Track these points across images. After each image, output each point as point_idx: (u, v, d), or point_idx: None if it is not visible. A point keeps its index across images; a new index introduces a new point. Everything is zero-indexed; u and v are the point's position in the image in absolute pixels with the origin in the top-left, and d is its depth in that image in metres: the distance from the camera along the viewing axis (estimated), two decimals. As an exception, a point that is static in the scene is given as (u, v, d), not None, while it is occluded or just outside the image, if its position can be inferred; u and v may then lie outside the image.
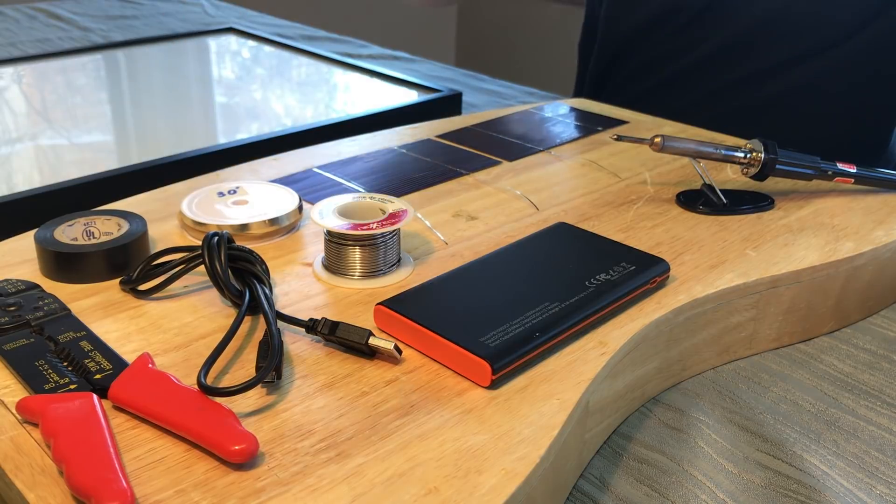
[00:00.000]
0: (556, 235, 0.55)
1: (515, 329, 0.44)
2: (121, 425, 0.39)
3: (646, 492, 0.43)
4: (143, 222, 0.54)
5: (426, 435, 0.39)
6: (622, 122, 0.81)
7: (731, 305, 0.52)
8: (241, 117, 0.95)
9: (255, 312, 0.48)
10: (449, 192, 0.65)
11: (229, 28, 1.31)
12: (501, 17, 3.00)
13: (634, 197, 0.64)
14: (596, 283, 0.49)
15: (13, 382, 0.42)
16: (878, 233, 0.59)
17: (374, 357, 0.44)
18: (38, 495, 0.35)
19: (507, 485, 0.36)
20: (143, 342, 0.45)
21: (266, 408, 0.40)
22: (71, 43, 1.32)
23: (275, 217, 0.57)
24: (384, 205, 0.53)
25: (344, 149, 0.74)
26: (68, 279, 0.51)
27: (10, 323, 0.46)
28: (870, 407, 0.50)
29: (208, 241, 0.48)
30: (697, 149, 0.62)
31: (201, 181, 0.66)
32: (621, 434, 0.48)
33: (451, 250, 0.56)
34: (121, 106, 0.97)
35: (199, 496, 0.35)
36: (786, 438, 0.47)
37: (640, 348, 0.48)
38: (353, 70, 1.09)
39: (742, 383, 0.52)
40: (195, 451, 0.37)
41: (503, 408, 0.41)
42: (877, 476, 0.45)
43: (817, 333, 0.57)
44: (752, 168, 0.63)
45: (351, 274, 0.52)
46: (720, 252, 0.56)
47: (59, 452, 0.36)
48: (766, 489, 0.44)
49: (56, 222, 0.54)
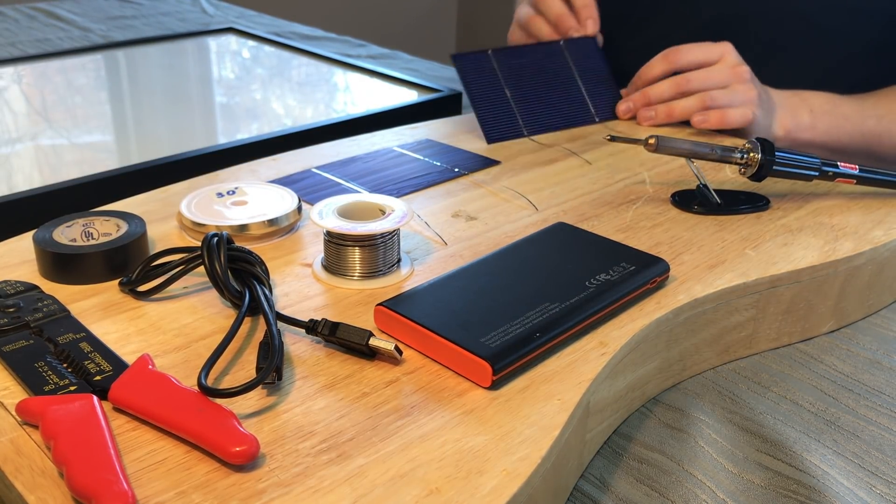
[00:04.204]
0: (556, 236, 0.55)
1: (516, 329, 0.44)
2: (121, 427, 0.39)
3: (646, 492, 0.43)
4: (142, 223, 0.54)
5: (427, 436, 0.39)
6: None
7: (730, 305, 0.52)
8: (240, 117, 0.95)
9: (254, 313, 0.48)
10: (448, 193, 0.65)
11: (229, 28, 1.31)
12: (501, 17, 3.00)
13: (633, 197, 0.64)
14: (596, 284, 0.49)
15: (13, 384, 0.42)
16: (877, 232, 0.59)
17: (375, 358, 0.44)
18: (39, 497, 0.35)
19: (508, 485, 0.36)
20: (142, 343, 0.45)
21: (267, 409, 0.40)
22: (71, 43, 1.32)
23: (274, 217, 0.57)
24: (384, 205, 0.53)
25: (343, 149, 0.74)
26: (67, 280, 0.51)
27: (10, 324, 0.45)
28: (870, 407, 0.50)
29: (208, 242, 0.48)
30: (693, 149, 0.62)
31: (200, 181, 0.66)
32: (622, 434, 0.48)
33: (451, 250, 0.56)
34: (121, 106, 0.97)
35: (200, 498, 0.35)
36: (786, 438, 0.47)
37: (640, 348, 0.48)
38: (352, 70, 1.09)
39: (742, 383, 0.52)
40: (196, 453, 0.37)
41: (504, 408, 0.41)
42: (877, 475, 0.45)
43: (817, 333, 0.57)
44: (750, 168, 0.63)
45: (351, 274, 0.52)
46: (720, 252, 0.56)
47: (60, 454, 0.36)
48: (766, 489, 0.44)
49: (55, 223, 0.54)
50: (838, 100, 0.80)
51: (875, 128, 0.80)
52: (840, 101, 0.80)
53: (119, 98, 1.00)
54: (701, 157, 0.63)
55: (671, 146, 0.62)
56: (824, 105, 0.79)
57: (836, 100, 0.80)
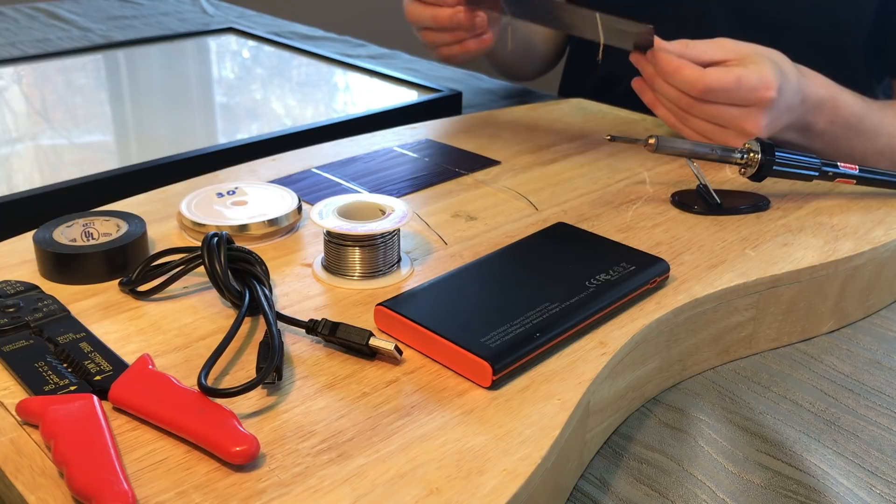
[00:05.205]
0: (556, 236, 0.55)
1: (516, 329, 0.44)
2: (121, 427, 0.39)
3: (646, 492, 0.43)
4: (142, 223, 0.54)
5: (427, 436, 0.39)
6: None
7: (730, 305, 0.52)
8: (240, 117, 0.95)
9: (254, 313, 0.48)
10: (448, 193, 0.65)
11: (229, 28, 1.31)
12: (501, 16, 3.00)
13: (633, 197, 0.64)
14: (596, 284, 0.49)
15: (13, 384, 0.42)
16: (877, 232, 0.59)
17: (375, 358, 0.44)
18: (39, 497, 0.35)
19: (508, 485, 0.36)
20: (142, 343, 0.45)
21: (267, 409, 0.40)
22: (71, 43, 1.32)
23: (274, 217, 0.57)
24: (384, 205, 0.53)
25: (343, 149, 0.74)
26: (67, 280, 0.51)
27: (10, 324, 0.46)
28: (870, 406, 0.50)
29: (208, 242, 0.48)
30: (693, 149, 0.62)
31: (200, 181, 0.66)
32: (622, 434, 0.48)
33: (451, 250, 0.56)
34: (120, 106, 0.96)
35: (201, 497, 0.35)
36: (786, 438, 0.47)
37: (640, 348, 0.48)
38: (352, 70, 1.09)
39: (742, 383, 0.52)
40: (196, 453, 0.37)
41: (504, 408, 0.41)
42: (877, 475, 0.45)
43: (817, 333, 0.57)
44: (750, 169, 0.63)
45: (351, 274, 0.52)
46: (720, 252, 0.56)
47: (60, 454, 0.36)
48: (766, 489, 0.44)
49: (55, 223, 0.54)
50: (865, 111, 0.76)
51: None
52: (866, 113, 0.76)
53: (119, 98, 1.00)
54: (701, 157, 0.63)
55: (671, 146, 0.62)
56: (850, 118, 0.75)
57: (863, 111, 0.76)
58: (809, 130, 0.73)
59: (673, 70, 0.68)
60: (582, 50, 1.07)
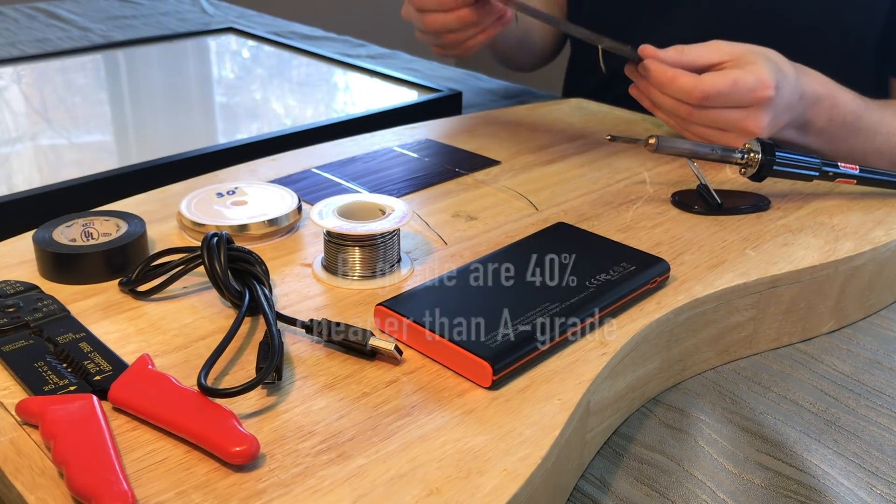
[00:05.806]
0: (556, 235, 0.55)
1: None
2: (121, 427, 0.39)
3: (646, 492, 0.43)
4: (141, 223, 0.54)
5: (427, 436, 0.39)
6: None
7: (731, 305, 0.52)
8: (240, 117, 0.95)
9: (254, 313, 0.48)
10: (448, 193, 0.65)
11: (229, 28, 1.31)
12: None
13: (634, 197, 0.64)
14: (596, 284, 0.49)
15: (12, 384, 0.42)
16: (878, 232, 0.59)
17: (375, 358, 0.44)
18: (39, 497, 0.35)
19: (508, 485, 0.36)
20: (142, 343, 0.45)
21: (267, 409, 0.40)
22: (71, 43, 1.32)
23: (274, 217, 0.57)
24: (384, 205, 0.53)
25: (343, 149, 0.74)
26: (67, 280, 0.51)
27: (10, 324, 0.45)
28: (870, 407, 0.50)
29: (208, 242, 0.48)
30: (693, 149, 0.62)
31: (200, 181, 0.66)
32: (622, 434, 0.48)
33: (451, 250, 0.56)
34: (120, 106, 0.96)
35: (200, 498, 0.35)
36: (786, 438, 0.47)
37: (640, 348, 0.48)
38: (352, 70, 1.09)
39: (742, 383, 0.52)
40: (196, 453, 0.37)
41: (504, 408, 0.41)
42: (877, 475, 0.45)
43: (817, 333, 0.57)
44: (750, 169, 0.63)
45: (351, 274, 0.52)
46: (720, 252, 0.56)
47: (60, 454, 0.36)
48: (766, 489, 0.44)
49: (54, 223, 0.54)
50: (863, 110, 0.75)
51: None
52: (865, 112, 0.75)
53: (119, 98, 1.00)
54: (701, 157, 0.63)
55: (671, 146, 0.62)
56: (847, 116, 0.74)
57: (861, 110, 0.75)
58: (809, 128, 0.73)
59: (668, 81, 0.68)
60: (584, 49, 1.07)
